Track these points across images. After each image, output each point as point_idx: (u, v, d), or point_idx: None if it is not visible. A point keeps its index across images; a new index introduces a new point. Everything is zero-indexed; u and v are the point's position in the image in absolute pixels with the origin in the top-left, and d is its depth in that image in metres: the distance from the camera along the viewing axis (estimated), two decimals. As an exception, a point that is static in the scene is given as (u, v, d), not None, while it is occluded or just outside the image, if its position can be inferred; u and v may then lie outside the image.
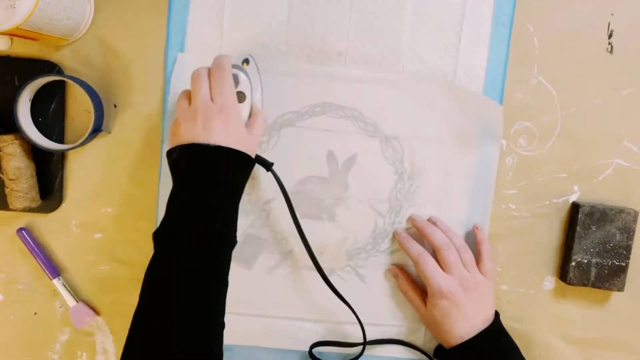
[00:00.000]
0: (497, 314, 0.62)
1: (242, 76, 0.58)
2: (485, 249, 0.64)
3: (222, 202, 0.53)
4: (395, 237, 0.66)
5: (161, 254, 0.52)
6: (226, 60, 0.56)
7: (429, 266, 0.61)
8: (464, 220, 0.66)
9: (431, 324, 0.63)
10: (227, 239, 0.53)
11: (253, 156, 0.56)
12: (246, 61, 0.61)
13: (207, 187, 0.52)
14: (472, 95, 0.65)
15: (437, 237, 0.62)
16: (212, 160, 0.52)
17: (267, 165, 0.60)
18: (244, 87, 0.58)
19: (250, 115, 0.58)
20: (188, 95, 0.56)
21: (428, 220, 0.66)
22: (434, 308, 0.61)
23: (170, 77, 0.63)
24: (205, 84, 0.55)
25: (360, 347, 0.66)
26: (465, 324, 0.60)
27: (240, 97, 0.57)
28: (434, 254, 0.62)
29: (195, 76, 0.55)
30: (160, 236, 0.52)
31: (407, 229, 0.66)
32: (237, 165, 0.54)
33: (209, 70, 0.56)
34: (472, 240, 0.66)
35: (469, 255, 0.63)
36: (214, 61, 0.56)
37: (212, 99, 0.54)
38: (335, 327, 0.67)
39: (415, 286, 0.65)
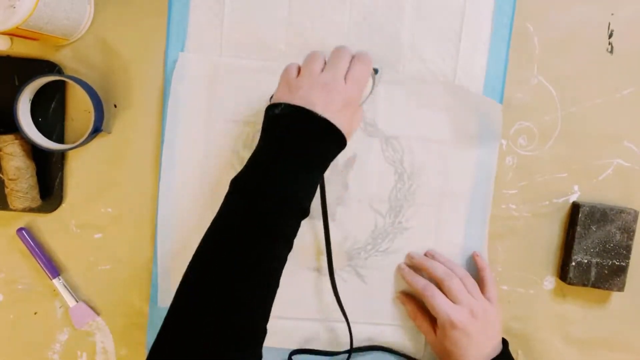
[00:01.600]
0: (505, 342, 0.62)
1: (369, 80, 0.59)
2: (487, 274, 0.64)
3: (311, 174, 0.52)
4: (399, 271, 0.66)
5: (234, 202, 0.51)
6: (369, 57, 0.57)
7: (436, 298, 0.61)
8: (464, 220, 0.66)
9: (441, 353, 0.62)
10: (305, 209, 0.52)
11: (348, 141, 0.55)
12: (375, 70, 0.61)
13: (301, 154, 0.51)
14: (471, 95, 0.65)
15: (438, 269, 0.62)
16: (316, 130, 0.51)
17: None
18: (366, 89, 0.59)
19: None
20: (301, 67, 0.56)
21: (426, 254, 0.66)
22: (445, 338, 0.60)
23: (170, 76, 0.63)
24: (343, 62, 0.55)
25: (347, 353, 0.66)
26: (476, 352, 0.59)
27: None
28: (438, 286, 0.62)
29: (337, 51, 0.56)
30: (238, 183, 0.51)
31: (408, 264, 0.67)
32: (335, 144, 0.53)
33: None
34: (473, 264, 0.66)
35: (472, 282, 0.63)
36: (360, 52, 0.57)
37: (344, 79, 0.54)
38: (335, 326, 0.67)
39: (423, 312, 0.65)
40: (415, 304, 0.65)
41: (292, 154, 0.51)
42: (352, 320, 0.67)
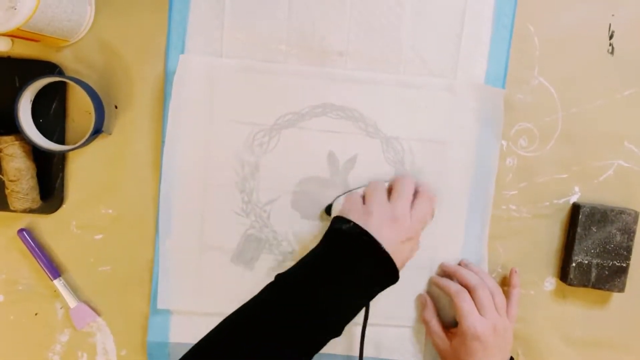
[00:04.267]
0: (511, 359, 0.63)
1: None
2: (516, 293, 0.65)
3: (356, 300, 0.55)
4: (432, 281, 0.67)
5: (272, 299, 0.53)
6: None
7: (467, 304, 0.61)
8: (464, 221, 0.66)
9: (450, 358, 0.63)
10: (338, 331, 0.53)
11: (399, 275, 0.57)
12: None
13: (355, 280, 0.53)
14: (472, 86, 0.65)
15: (471, 277, 0.63)
16: (376, 263, 0.54)
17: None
18: None
19: None
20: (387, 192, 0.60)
21: (459, 264, 0.66)
22: (462, 346, 0.60)
23: (170, 77, 0.63)
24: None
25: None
26: None
27: None
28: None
29: (401, 181, 0.60)
30: (282, 281, 0.54)
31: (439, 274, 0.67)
32: (389, 278, 0.55)
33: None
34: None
35: (501, 299, 0.63)
36: (424, 187, 0.62)
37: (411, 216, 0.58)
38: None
39: (439, 318, 0.65)
40: (435, 308, 0.66)
41: (346, 277, 0.53)
42: (352, 321, 0.67)
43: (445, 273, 0.66)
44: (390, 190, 0.61)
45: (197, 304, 0.66)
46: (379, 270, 0.54)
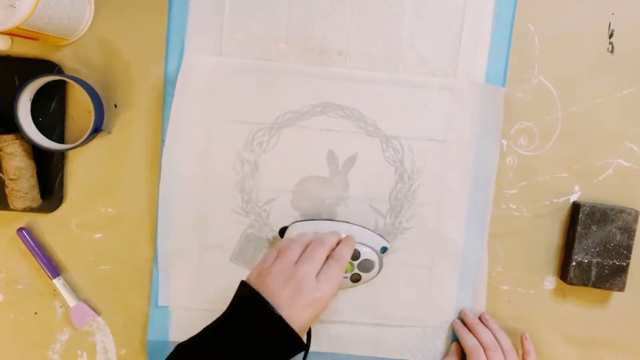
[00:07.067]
0: None
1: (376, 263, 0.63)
2: (531, 358, 0.65)
3: None
4: (453, 325, 0.67)
5: None
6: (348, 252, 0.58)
7: None
8: (464, 220, 0.66)
9: None
10: None
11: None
12: (383, 249, 0.65)
13: (249, 346, 0.50)
14: (472, 85, 0.64)
15: (486, 337, 0.64)
16: (268, 326, 0.51)
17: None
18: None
19: None
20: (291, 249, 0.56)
21: (480, 317, 0.67)
22: None
23: (170, 76, 0.63)
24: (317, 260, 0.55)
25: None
26: None
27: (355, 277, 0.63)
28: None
29: (315, 242, 0.57)
30: (180, 349, 0.52)
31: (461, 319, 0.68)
32: (287, 345, 0.52)
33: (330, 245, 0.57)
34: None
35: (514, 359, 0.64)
36: (337, 250, 0.57)
37: (316, 277, 0.53)
38: (334, 326, 0.67)
39: None
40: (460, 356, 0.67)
41: (243, 344, 0.50)
42: (353, 321, 0.67)
43: (464, 321, 0.67)
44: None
45: (196, 303, 0.66)
46: (274, 335, 0.50)
